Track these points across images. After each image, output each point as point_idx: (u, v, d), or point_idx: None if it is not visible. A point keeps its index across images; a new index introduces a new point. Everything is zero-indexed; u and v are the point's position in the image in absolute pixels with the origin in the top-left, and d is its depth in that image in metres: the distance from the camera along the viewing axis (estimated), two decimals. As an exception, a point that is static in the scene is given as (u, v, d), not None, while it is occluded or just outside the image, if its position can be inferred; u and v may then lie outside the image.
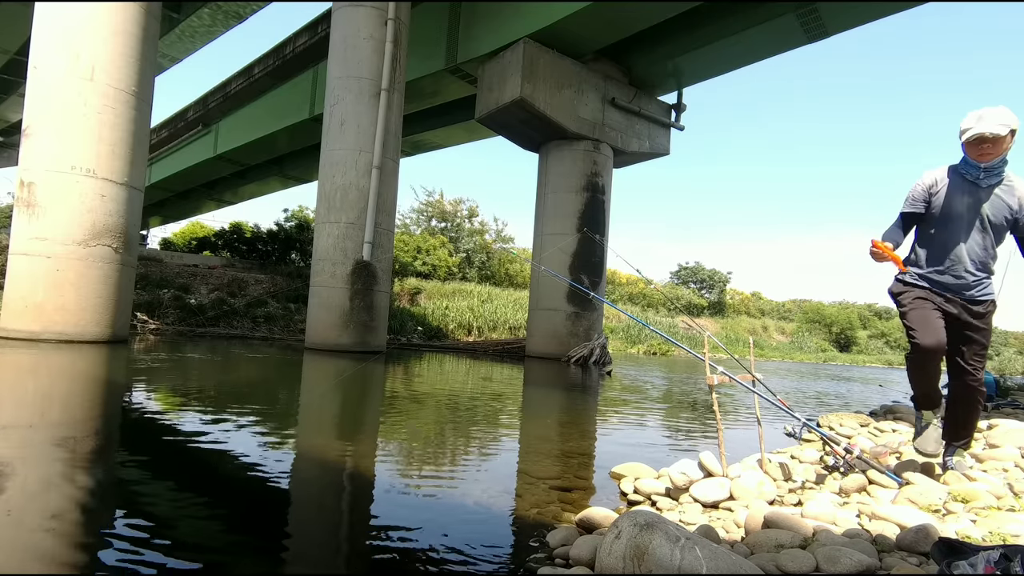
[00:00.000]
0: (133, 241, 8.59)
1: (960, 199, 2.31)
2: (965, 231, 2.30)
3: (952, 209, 2.32)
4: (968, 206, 2.29)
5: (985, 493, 2.03)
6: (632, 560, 1.29)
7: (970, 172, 2.29)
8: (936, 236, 2.37)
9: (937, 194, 2.36)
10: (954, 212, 2.31)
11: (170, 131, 22.07)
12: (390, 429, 3.55)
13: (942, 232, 2.35)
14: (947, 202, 2.33)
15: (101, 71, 7.94)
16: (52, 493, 1.81)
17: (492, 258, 28.22)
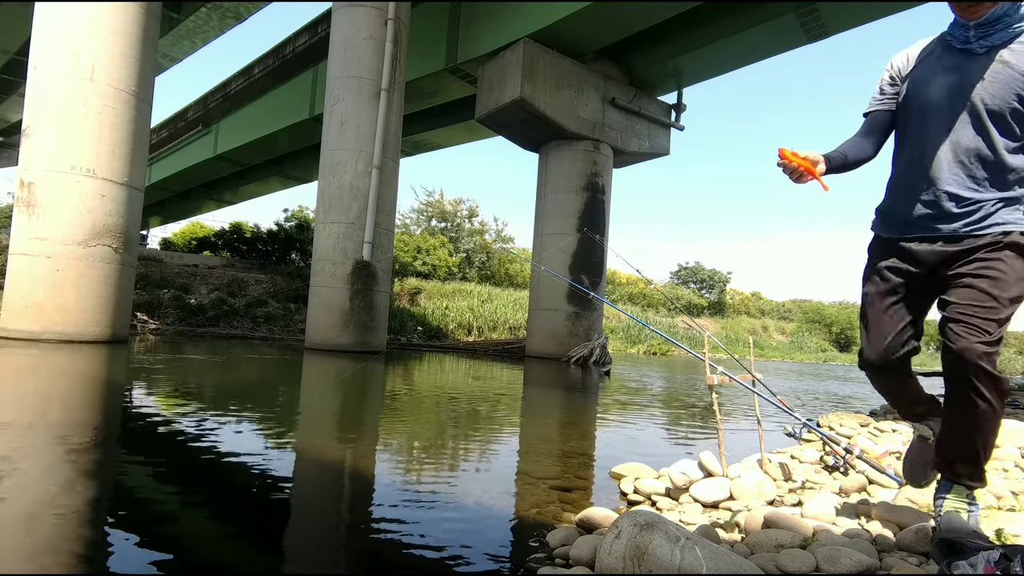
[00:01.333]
0: (133, 241, 8.60)
1: (939, 80, 1.47)
2: (944, 127, 1.45)
3: (926, 96, 1.48)
4: (950, 88, 1.44)
5: (985, 493, 2.02)
6: (632, 560, 1.29)
7: (957, 36, 1.46)
8: (906, 143, 1.56)
9: (909, 78, 1.56)
10: (929, 100, 1.48)
11: (170, 131, 22.07)
12: (390, 429, 3.55)
13: (913, 134, 1.53)
14: (919, 86, 1.51)
15: (101, 71, 7.94)
16: (51, 493, 1.81)
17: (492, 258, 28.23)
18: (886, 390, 1.70)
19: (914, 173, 1.50)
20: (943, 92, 1.46)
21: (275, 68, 16.32)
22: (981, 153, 1.41)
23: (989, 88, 1.39)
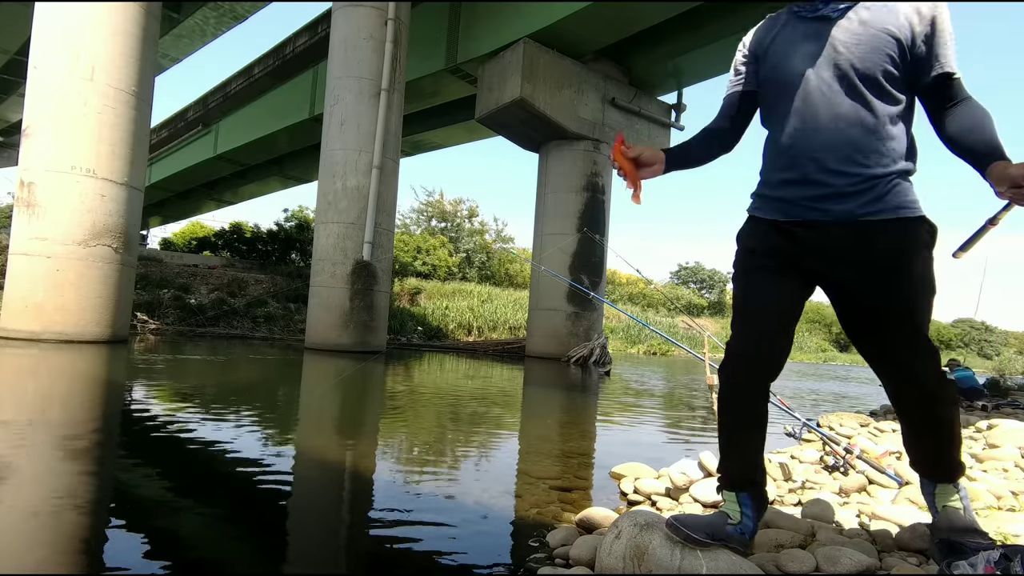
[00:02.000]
0: (133, 241, 8.60)
1: (800, 50, 1.33)
2: (818, 99, 1.29)
3: (790, 69, 1.34)
4: (814, 58, 1.31)
5: (985, 493, 2.03)
6: (632, 560, 1.29)
7: (806, 7, 1.35)
8: (779, 121, 1.38)
9: (767, 55, 1.41)
10: (794, 72, 1.33)
11: (170, 131, 22.08)
12: (390, 429, 3.55)
13: (784, 111, 1.36)
14: (781, 60, 1.37)
15: (101, 71, 7.94)
16: (51, 493, 1.81)
17: (492, 258, 28.24)
18: (743, 411, 1.37)
19: (793, 151, 1.32)
20: (808, 63, 1.31)
21: (275, 68, 16.33)
22: (863, 122, 1.26)
23: (855, 51, 1.26)
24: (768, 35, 1.44)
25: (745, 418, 1.37)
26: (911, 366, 1.28)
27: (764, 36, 1.45)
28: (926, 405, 1.31)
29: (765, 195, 1.40)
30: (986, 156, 1.15)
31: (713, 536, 1.26)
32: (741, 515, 1.33)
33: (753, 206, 1.44)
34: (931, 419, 1.33)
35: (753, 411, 1.36)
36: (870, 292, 1.27)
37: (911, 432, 1.40)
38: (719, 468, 1.43)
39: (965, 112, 1.23)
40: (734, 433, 1.38)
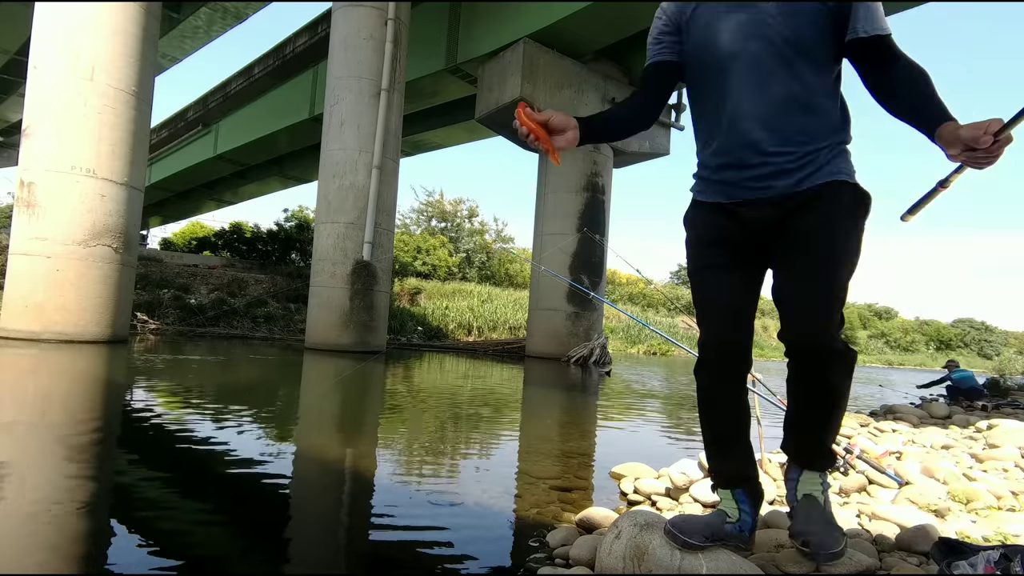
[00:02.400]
0: (133, 241, 8.60)
1: (727, 24, 1.24)
2: (750, 75, 1.23)
3: (718, 43, 1.25)
4: (743, 31, 1.22)
5: (985, 493, 2.03)
6: (632, 560, 1.29)
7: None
8: (709, 99, 1.30)
9: (690, 26, 1.30)
10: (723, 47, 1.24)
11: (170, 131, 22.09)
12: (390, 429, 3.55)
13: (714, 88, 1.28)
14: (707, 33, 1.27)
15: (101, 71, 7.94)
16: (51, 492, 1.81)
17: (492, 258, 28.24)
18: (725, 404, 1.36)
19: (728, 131, 1.27)
20: (737, 36, 1.23)
21: (275, 68, 16.33)
22: (798, 99, 1.22)
23: (787, 23, 1.19)
24: (690, 5, 1.30)
25: (729, 413, 1.36)
26: (816, 318, 1.20)
27: (685, 4, 1.31)
28: (825, 368, 1.21)
29: (706, 178, 1.36)
30: (934, 118, 1.09)
31: (712, 537, 1.26)
32: (739, 512, 1.32)
33: (696, 188, 1.40)
34: (826, 388, 1.24)
35: (735, 405, 1.36)
36: (797, 248, 1.24)
37: (802, 404, 1.31)
38: (710, 468, 1.41)
39: (904, 74, 1.16)
40: (721, 431, 1.37)
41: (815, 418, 1.31)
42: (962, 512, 1.90)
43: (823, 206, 1.22)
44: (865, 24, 1.18)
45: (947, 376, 7.16)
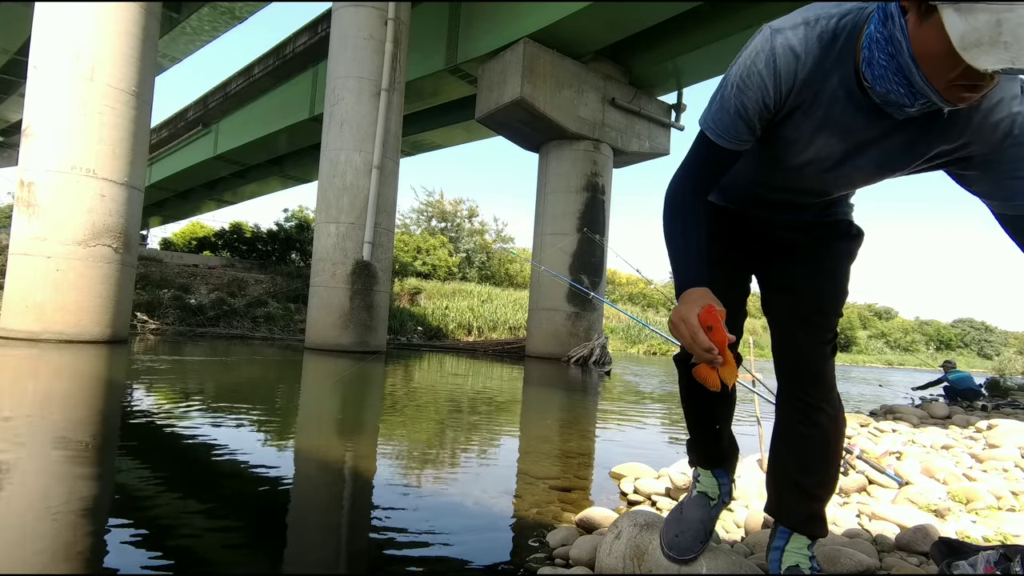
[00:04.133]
0: (133, 241, 8.60)
1: (845, 148, 0.97)
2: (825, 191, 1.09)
3: (820, 162, 1.00)
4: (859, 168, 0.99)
5: (985, 493, 2.03)
6: (632, 560, 1.29)
7: (890, 99, 0.84)
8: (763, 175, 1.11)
9: (790, 115, 0.96)
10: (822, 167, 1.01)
11: (170, 131, 22.09)
12: (390, 429, 3.55)
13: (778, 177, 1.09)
14: (816, 146, 0.98)
15: (101, 71, 7.94)
16: (50, 492, 1.81)
17: (492, 258, 28.24)
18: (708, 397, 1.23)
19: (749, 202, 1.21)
20: (849, 169, 1.00)
21: (275, 68, 16.33)
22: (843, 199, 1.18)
23: (907, 160, 0.96)
24: (799, 84, 0.92)
25: (712, 401, 1.27)
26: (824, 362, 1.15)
27: (796, 83, 0.92)
28: (832, 421, 1.14)
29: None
30: None
31: (706, 535, 1.26)
32: (719, 487, 1.34)
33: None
34: (832, 439, 1.16)
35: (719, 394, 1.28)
36: (805, 278, 1.19)
37: (801, 461, 1.18)
38: (692, 449, 1.37)
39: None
40: (704, 420, 1.31)
41: (822, 477, 1.19)
42: (962, 512, 1.90)
43: (838, 244, 1.20)
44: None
45: (943, 377, 7.16)
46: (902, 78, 0.80)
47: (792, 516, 1.20)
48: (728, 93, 0.95)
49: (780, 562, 1.19)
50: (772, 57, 0.90)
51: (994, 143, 0.88)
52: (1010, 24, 0.66)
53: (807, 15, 0.91)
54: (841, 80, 0.90)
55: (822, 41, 0.89)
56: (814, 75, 0.91)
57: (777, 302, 1.24)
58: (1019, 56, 0.66)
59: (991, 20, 0.67)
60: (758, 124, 0.96)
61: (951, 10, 0.70)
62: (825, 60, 0.90)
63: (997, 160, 0.88)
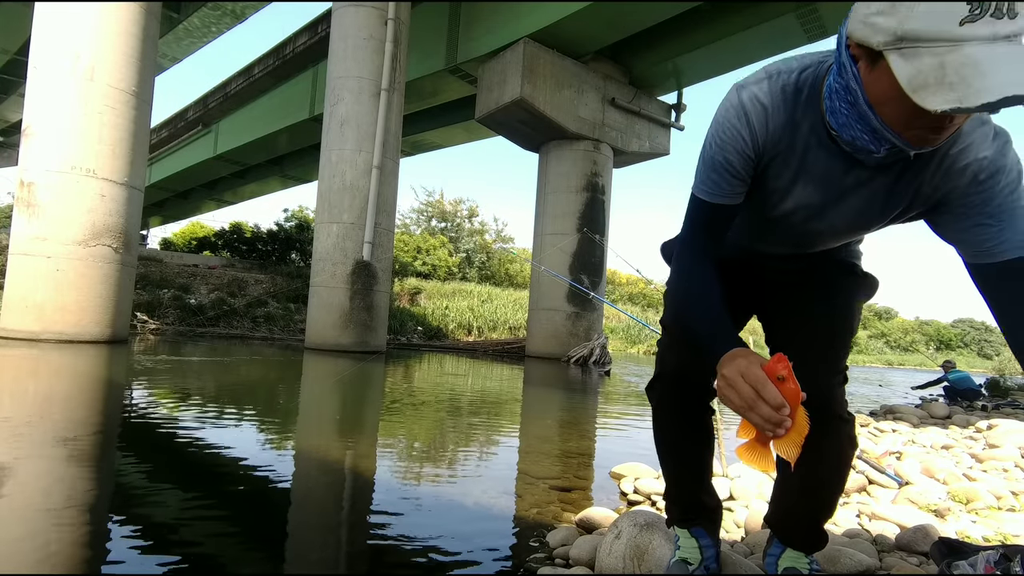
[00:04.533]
0: (133, 241, 8.60)
1: (822, 196, 0.98)
2: (801, 241, 1.11)
3: (797, 212, 1.02)
4: (838, 213, 1.00)
5: (985, 493, 2.03)
6: (632, 560, 1.29)
7: (857, 146, 0.87)
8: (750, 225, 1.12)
9: (769, 165, 0.98)
10: (800, 216, 1.03)
11: (170, 131, 22.10)
12: (390, 429, 3.55)
13: (763, 227, 1.11)
14: (792, 194, 1.00)
15: (101, 71, 7.94)
16: (50, 492, 1.81)
17: (492, 258, 28.24)
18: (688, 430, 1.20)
19: (759, 255, 1.20)
20: (833, 217, 1.00)
21: (275, 68, 16.33)
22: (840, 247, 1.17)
23: (889, 208, 0.96)
24: (775, 132, 0.95)
25: (689, 436, 1.19)
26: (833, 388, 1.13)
27: (769, 132, 0.95)
28: (842, 440, 1.11)
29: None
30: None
31: None
32: (701, 551, 1.21)
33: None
34: (841, 459, 1.13)
35: (698, 426, 1.20)
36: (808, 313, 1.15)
37: (808, 484, 1.12)
38: (670, 503, 1.27)
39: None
40: (687, 460, 1.22)
41: (826, 496, 1.15)
42: (962, 512, 1.90)
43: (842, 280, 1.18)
44: (1016, 248, 0.86)
45: (943, 377, 7.16)
46: (864, 124, 0.82)
47: (790, 537, 1.19)
48: (710, 153, 0.97)
49: (776, 566, 1.19)
50: (742, 109, 0.94)
51: (962, 187, 0.88)
52: (953, 65, 0.68)
53: (769, 70, 0.95)
54: (811, 129, 0.93)
55: (786, 93, 0.93)
56: (784, 125, 0.94)
57: (780, 337, 1.19)
58: (966, 96, 0.67)
59: (935, 62, 0.69)
60: (745, 174, 0.98)
61: (896, 55, 0.71)
62: (793, 112, 0.93)
63: (965, 205, 0.89)
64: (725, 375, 0.81)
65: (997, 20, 0.67)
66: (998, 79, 0.66)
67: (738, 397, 0.79)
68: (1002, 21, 0.67)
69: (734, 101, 0.95)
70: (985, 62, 0.67)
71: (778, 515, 1.20)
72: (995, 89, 0.66)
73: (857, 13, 0.77)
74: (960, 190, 0.89)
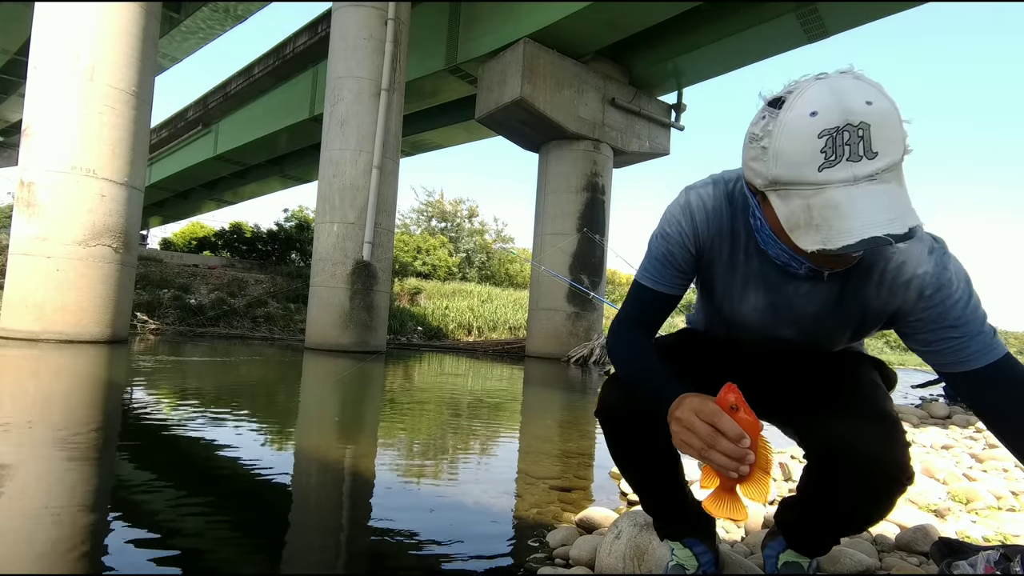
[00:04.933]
0: (133, 241, 8.60)
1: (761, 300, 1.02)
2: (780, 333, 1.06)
3: (743, 315, 1.05)
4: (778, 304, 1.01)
5: (985, 493, 2.03)
6: (632, 560, 1.30)
7: (776, 257, 0.92)
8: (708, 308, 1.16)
9: (714, 263, 1.03)
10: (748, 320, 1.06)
11: (170, 131, 22.08)
12: (390, 429, 3.55)
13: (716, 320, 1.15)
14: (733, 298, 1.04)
15: (101, 71, 7.94)
16: (51, 493, 1.81)
17: (492, 258, 28.23)
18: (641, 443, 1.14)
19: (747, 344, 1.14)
20: (788, 318, 1.01)
21: (275, 68, 16.32)
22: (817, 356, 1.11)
23: (846, 316, 0.97)
24: (710, 232, 1.00)
25: (655, 457, 1.12)
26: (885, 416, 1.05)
27: (708, 229, 1.00)
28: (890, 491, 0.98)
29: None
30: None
31: None
32: (696, 557, 1.19)
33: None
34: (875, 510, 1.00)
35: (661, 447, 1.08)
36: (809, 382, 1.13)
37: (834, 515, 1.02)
38: (654, 519, 1.23)
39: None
40: (657, 476, 1.16)
41: (840, 529, 1.07)
42: (962, 512, 1.90)
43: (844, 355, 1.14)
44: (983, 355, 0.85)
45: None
46: (779, 244, 0.87)
47: (801, 544, 1.13)
48: (655, 244, 1.04)
49: (776, 561, 1.17)
50: (688, 207, 1.00)
51: (911, 303, 0.90)
52: (818, 207, 0.72)
53: (715, 176, 1.02)
54: (749, 236, 0.97)
55: (728, 198, 0.98)
56: (725, 230, 0.99)
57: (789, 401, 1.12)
58: (829, 237, 0.71)
59: (803, 204, 0.73)
60: (686, 267, 1.03)
61: (775, 195, 0.77)
62: (733, 219, 0.98)
63: (922, 320, 0.90)
64: (678, 417, 0.80)
65: (855, 163, 0.69)
66: (858, 221, 0.69)
67: (695, 437, 0.77)
68: (860, 163, 0.69)
69: (681, 201, 1.02)
70: (845, 204, 0.70)
71: (796, 523, 1.12)
72: (855, 232, 0.69)
73: (743, 156, 0.82)
74: (910, 305, 0.90)
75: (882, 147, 0.69)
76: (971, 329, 0.86)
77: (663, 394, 0.87)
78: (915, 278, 0.88)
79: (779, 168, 0.75)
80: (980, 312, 0.87)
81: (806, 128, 0.71)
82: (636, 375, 0.99)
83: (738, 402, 0.75)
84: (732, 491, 0.74)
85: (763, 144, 0.76)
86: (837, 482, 0.94)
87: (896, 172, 0.72)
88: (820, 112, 0.71)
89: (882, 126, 0.69)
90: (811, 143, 0.71)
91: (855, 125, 0.69)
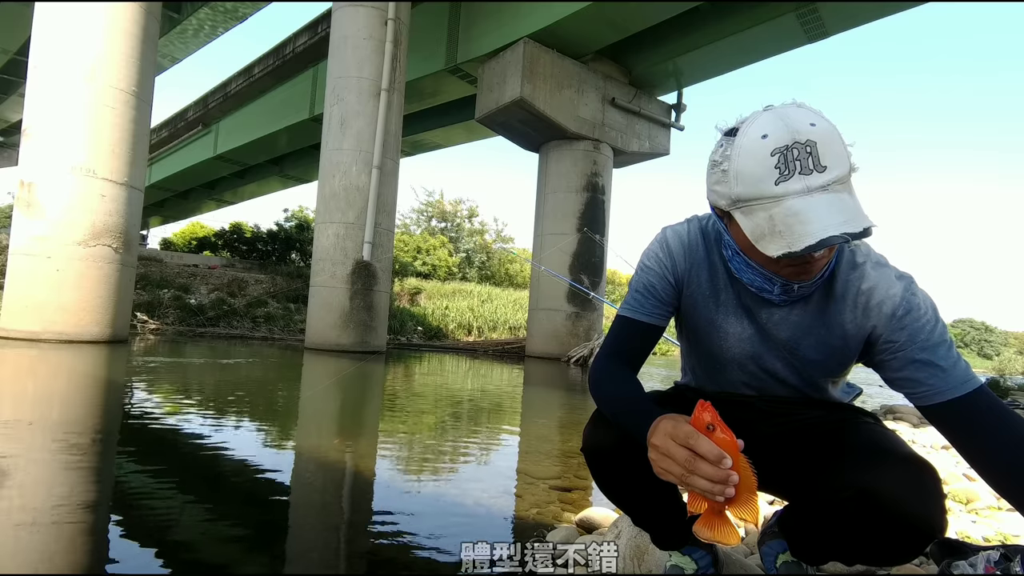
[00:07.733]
0: (133, 241, 8.60)
1: (740, 327, 1.04)
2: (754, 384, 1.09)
3: (724, 345, 1.07)
4: (760, 345, 1.04)
5: (985, 493, 2.03)
6: (632, 560, 1.30)
7: (755, 283, 0.96)
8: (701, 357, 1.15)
9: (695, 296, 1.07)
10: (730, 352, 1.07)
11: (170, 131, 22.08)
12: (389, 429, 3.55)
13: (710, 364, 1.13)
14: (721, 320, 1.06)
15: (101, 71, 7.94)
16: (51, 493, 1.81)
17: (492, 258, 28.23)
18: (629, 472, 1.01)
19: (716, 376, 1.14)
20: (748, 347, 1.04)
21: (275, 68, 16.32)
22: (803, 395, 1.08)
23: (829, 343, 0.99)
24: (687, 263, 1.06)
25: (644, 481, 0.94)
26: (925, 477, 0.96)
27: (686, 262, 1.06)
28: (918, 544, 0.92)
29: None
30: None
31: None
32: (694, 561, 1.16)
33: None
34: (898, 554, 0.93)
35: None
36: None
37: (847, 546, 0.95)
38: (651, 535, 1.18)
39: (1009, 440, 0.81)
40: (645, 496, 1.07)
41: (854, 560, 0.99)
42: (962, 512, 1.90)
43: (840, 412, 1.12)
44: (958, 386, 0.85)
45: None
46: (753, 268, 0.94)
47: (804, 552, 1.07)
48: (636, 278, 1.09)
49: (775, 561, 1.17)
50: (665, 243, 1.07)
51: (884, 323, 0.93)
52: (779, 216, 0.80)
53: (692, 215, 1.11)
54: (725, 267, 1.04)
55: (703, 234, 1.06)
56: (702, 263, 1.06)
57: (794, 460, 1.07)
58: (792, 241, 0.79)
59: (765, 216, 0.81)
60: (666, 296, 1.07)
61: (739, 213, 0.85)
62: (708, 253, 1.05)
63: (893, 342, 0.92)
64: (655, 444, 0.78)
65: (807, 176, 0.78)
66: (817, 224, 0.76)
67: (673, 463, 0.74)
68: (812, 175, 0.78)
69: (659, 237, 1.09)
70: (804, 211, 0.78)
71: (805, 541, 1.05)
72: (815, 233, 0.76)
73: (707, 183, 0.91)
74: (883, 326, 0.93)
75: (830, 161, 0.78)
76: (941, 353, 0.87)
77: (641, 421, 0.85)
78: (887, 299, 0.93)
79: (740, 187, 0.83)
80: (948, 338, 0.90)
81: (759, 148, 0.80)
82: (618, 407, 0.97)
83: (714, 421, 0.73)
84: (722, 514, 0.72)
85: (723, 168, 0.86)
86: (866, 526, 0.87)
87: (846, 184, 0.80)
88: (770, 134, 0.80)
89: (827, 143, 0.79)
90: (765, 160, 0.80)
91: (802, 143, 0.78)
